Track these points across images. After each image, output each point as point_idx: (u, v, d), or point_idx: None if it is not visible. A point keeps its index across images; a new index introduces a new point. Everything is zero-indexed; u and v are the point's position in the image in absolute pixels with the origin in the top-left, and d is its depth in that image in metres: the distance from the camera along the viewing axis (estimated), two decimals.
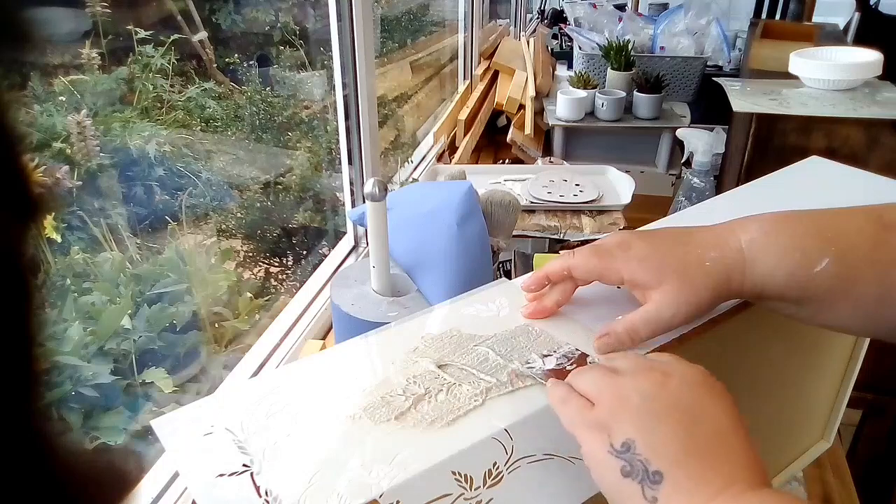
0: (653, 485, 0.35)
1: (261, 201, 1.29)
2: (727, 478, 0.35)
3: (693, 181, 1.19)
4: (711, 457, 0.35)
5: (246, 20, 1.44)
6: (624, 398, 0.38)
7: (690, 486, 0.34)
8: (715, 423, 0.37)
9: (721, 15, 2.23)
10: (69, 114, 0.88)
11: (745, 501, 0.34)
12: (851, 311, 0.45)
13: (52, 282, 0.84)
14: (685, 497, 0.34)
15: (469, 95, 1.87)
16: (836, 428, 0.78)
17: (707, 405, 0.37)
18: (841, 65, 1.32)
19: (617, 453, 0.36)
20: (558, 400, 0.41)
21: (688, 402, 0.37)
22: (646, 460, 0.35)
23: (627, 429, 0.36)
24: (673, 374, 0.39)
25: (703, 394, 0.38)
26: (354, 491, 0.36)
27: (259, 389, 0.44)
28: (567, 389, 0.41)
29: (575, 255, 0.49)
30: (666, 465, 0.35)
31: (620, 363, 0.41)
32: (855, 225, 0.45)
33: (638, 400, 0.37)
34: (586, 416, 0.39)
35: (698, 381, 0.39)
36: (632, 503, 0.35)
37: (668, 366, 0.40)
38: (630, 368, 0.40)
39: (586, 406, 0.39)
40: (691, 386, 0.38)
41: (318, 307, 0.99)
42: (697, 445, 0.35)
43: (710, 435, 0.36)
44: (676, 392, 0.37)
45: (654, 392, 0.37)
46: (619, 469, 0.36)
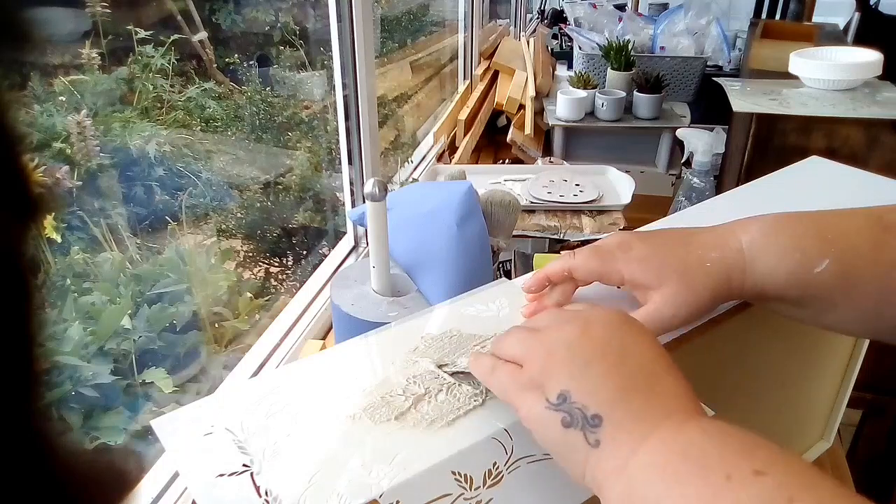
0: (594, 428, 0.35)
1: (261, 201, 1.29)
2: (664, 409, 0.35)
3: (693, 181, 1.19)
4: (645, 391, 0.35)
5: (246, 20, 1.44)
6: (551, 352, 0.38)
7: (630, 422, 0.34)
8: (642, 359, 0.37)
9: (721, 15, 2.23)
10: (69, 114, 0.88)
11: (685, 430, 0.34)
12: (852, 312, 0.45)
13: (52, 282, 0.84)
14: (626, 434, 0.34)
15: (469, 95, 1.87)
16: (836, 428, 0.78)
17: (631, 343, 0.38)
18: (841, 65, 1.32)
19: (554, 407, 0.36)
20: (487, 371, 0.41)
21: (613, 343, 0.37)
22: (583, 406, 0.35)
23: (560, 380, 0.36)
24: (592, 319, 0.39)
25: (625, 333, 0.38)
26: (354, 491, 0.36)
27: (259, 389, 0.44)
28: (491, 358, 0.41)
29: (575, 255, 0.49)
30: (603, 407, 0.35)
31: (540, 320, 0.41)
32: (855, 226, 0.45)
33: (564, 350, 0.37)
34: (517, 379, 0.38)
35: (619, 322, 0.39)
36: (577, 452, 0.35)
37: (586, 313, 0.40)
38: (550, 322, 0.40)
39: (515, 370, 0.39)
40: (613, 327, 0.38)
41: (318, 307, 0.99)
42: (630, 382, 0.36)
43: (640, 370, 0.36)
44: (600, 335, 0.38)
45: (579, 339, 0.38)
46: (559, 421, 0.36)
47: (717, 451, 0.32)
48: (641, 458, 0.33)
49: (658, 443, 0.33)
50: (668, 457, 0.33)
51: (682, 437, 0.33)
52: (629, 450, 0.34)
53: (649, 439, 0.34)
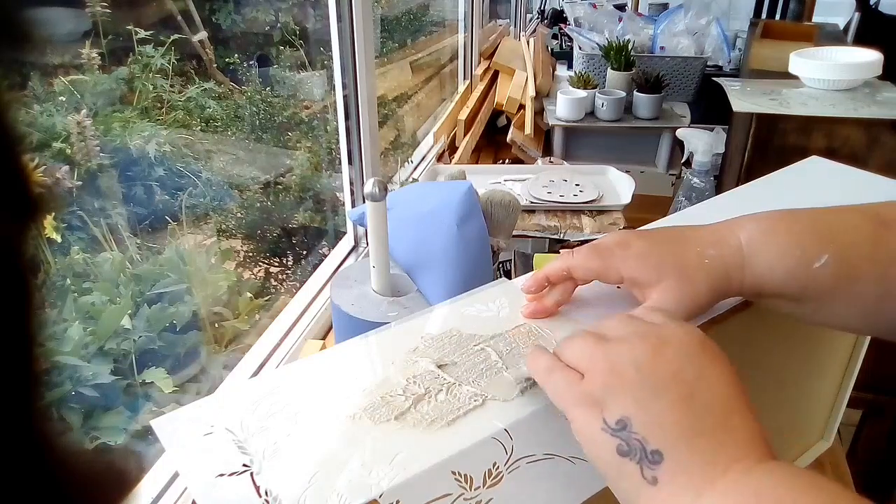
0: (652, 465, 0.33)
1: (261, 201, 1.29)
2: (732, 453, 0.33)
3: (693, 181, 1.19)
4: (714, 432, 0.33)
5: (246, 20, 1.44)
6: (617, 370, 0.35)
7: (693, 464, 0.32)
8: (716, 395, 0.34)
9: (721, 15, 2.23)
10: (69, 114, 0.88)
11: (754, 478, 0.32)
12: (850, 308, 0.45)
13: (52, 282, 0.84)
14: (688, 476, 0.32)
15: (469, 95, 1.87)
16: (836, 428, 0.78)
17: (707, 375, 0.35)
18: (841, 65, 1.32)
19: (612, 431, 0.34)
20: (543, 370, 0.39)
21: (687, 373, 0.34)
22: (643, 439, 0.33)
23: (623, 404, 0.34)
24: (669, 340, 0.36)
25: (702, 362, 0.35)
26: (354, 491, 0.36)
27: (259, 389, 0.44)
28: (551, 359, 0.39)
29: (574, 255, 0.49)
30: (666, 444, 0.33)
31: (611, 328, 0.38)
32: (853, 223, 0.46)
33: (633, 372, 0.35)
34: (576, 390, 0.36)
35: (696, 348, 0.36)
36: (630, 483, 0.33)
37: (663, 329, 0.37)
38: (622, 334, 0.37)
39: (575, 378, 0.37)
40: (689, 353, 0.35)
41: (318, 307, 0.99)
42: (698, 420, 0.33)
43: (712, 408, 0.34)
44: (674, 361, 0.35)
45: (650, 362, 0.35)
46: (614, 448, 0.34)
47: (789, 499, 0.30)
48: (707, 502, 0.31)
49: (725, 489, 0.31)
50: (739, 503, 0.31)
51: (753, 483, 0.31)
52: (693, 494, 0.32)
53: (716, 484, 0.32)
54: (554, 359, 0.39)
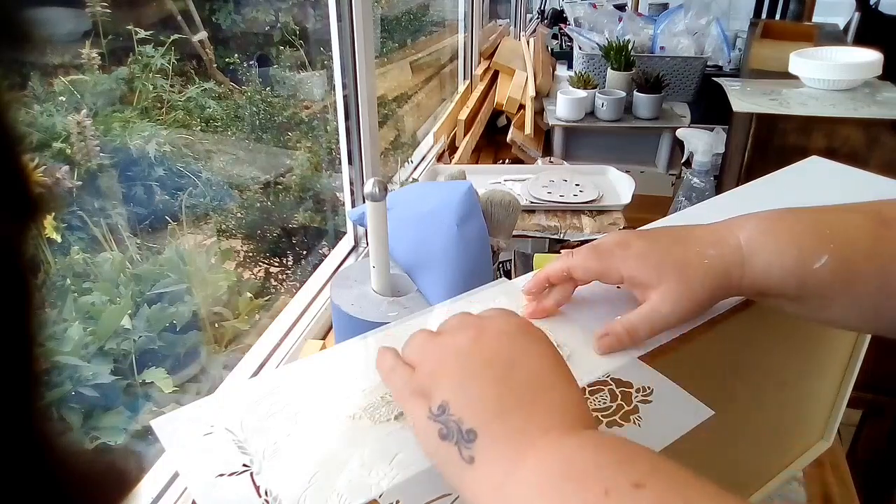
0: (468, 444, 0.33)
1: (261, 201, 1.29)
2: (544, 425, 0.33)
3: (693, 181, 1.19)
4: (526, 406, 0.34)
5: (246, 20, 1.44)
6: (442, 359, 0.37)
7: (504, 439, 0.33)
8: (531, 372, 0.36)
9: (721, 15, 2.23)
10: (69, 114, 0.89)
11: (563, 446, 0.32)
12: (851, 307, 0.45)
13: (52, 282, 0.84)
14: (500, 451, 0.33)
15: (469, 95, 1.87)
16: (836, 428, 0.78)
17: (521, 354, 0.36)
18: (841, 65, 1.32)
19: (434, 417, 0.35)
20: (387, 369, 0.40)
21: (502, 354, 0.36)
22: (459, 420, 0.34)
23: (443, 391, 0.35)
24: (488, 327, 0.38)
25: (518, 343, 0.37)
26: (354, 491, 0.36)
27: (259, 389, 0.44)
28: (394, 357, 0.40)
29: (574, 255, 0.49)
30: (479, 422, 0.34)
31: (444, 324, 0.40)
32: (853, 222, 0.46)
33: (453, 359, 0.36)
34: (409, 383, 0.38)
35: (514, 331, 0.38)
36: (452, 466, 0.34)
37: (486, 319, 0.39)
38: (450, 327, 0.39)
39: (410, 373, 0.38)
40: (507, 337, 0.37)
41: (318, 307, 0.99)
42: (512, 397, 0.34)
43: (525, 384, 0.35)
44: (491, 345, 0.37)
45: (469, 348, 0.37)
46: (436, 433, 0.35)
47: (595, 466, 0.31)
48: (518, 477, 0.32)
49: (536, 461, 0.32)
50: (546, 476, 0.31)
51: (560, 454, 0.32)
52: (505, 469, 0.32)
53: (527, 458, 0.32)
54: (396, 357, 0.41)
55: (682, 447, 0.40)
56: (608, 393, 0.44)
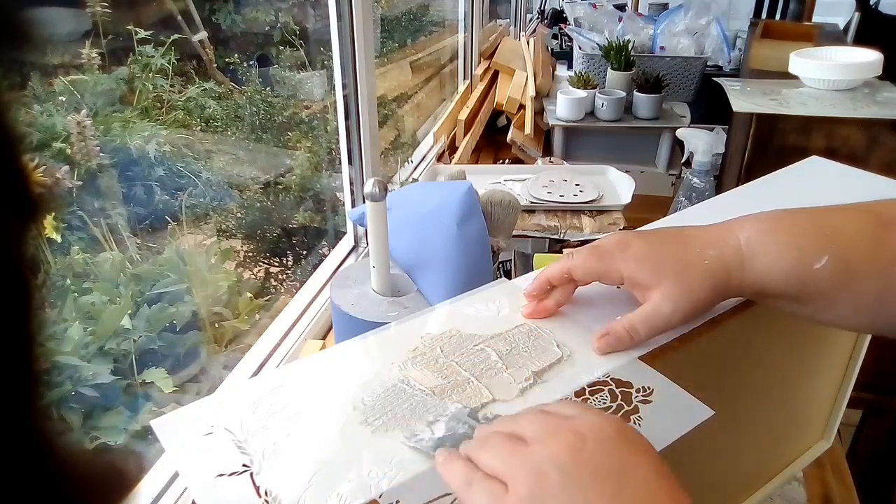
0: None
1: (261, 201, 1.29)
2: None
3: (693, 181, 1.19)
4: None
5: (246, 20, 1.44)
6: (541, 475, 0.33)
7: None
8: (641, 481, 0.34)
9: (721, 15, 2.23)
10: (69, 114, 0.88)
11: None
12: (851, 307, 0.45)
13: (52, 282, 0.84)
14: None
15: (469, 95, 1.87)
16: (836, 428, 0.78)
17: (630, 462, 0.34)
18: (841, 65, 1.32)
19: None
20: (462, 482, 0.36)
21: (610, 464, 0.34)
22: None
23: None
24: (586, 433, 0.35)
25: (623, 450, 0.34)
26: (354, 491, 0.36)
27: (259, 389, 0.44)
28: (468, 468, 0.36)
29: (574, 256, 0.49)
30: None
31: (524, 427, 0.37)
32: (853, 222, 0.45)
33: (557, 475, 0.33)
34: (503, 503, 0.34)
35: (614, 436, 0.35)
36: None
37: (577, 422, 0.36)
38: (537, 434, 0.35)
39: (498, 490, 0.34)
40: (609, 443, 0.34)
41: (318, 307, 0.99)
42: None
43: (639, 495, 0.33)
44: (596, 455, 0.34)
45: (572, 461, 0.33)
46: None
47: None
48: None
49: None
50: None
51: None
52: None
53: None
54: (471, 468, 0.36)
55: (683, 447, 0.40)
56: (608, 393, 0.44)
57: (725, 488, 0.68)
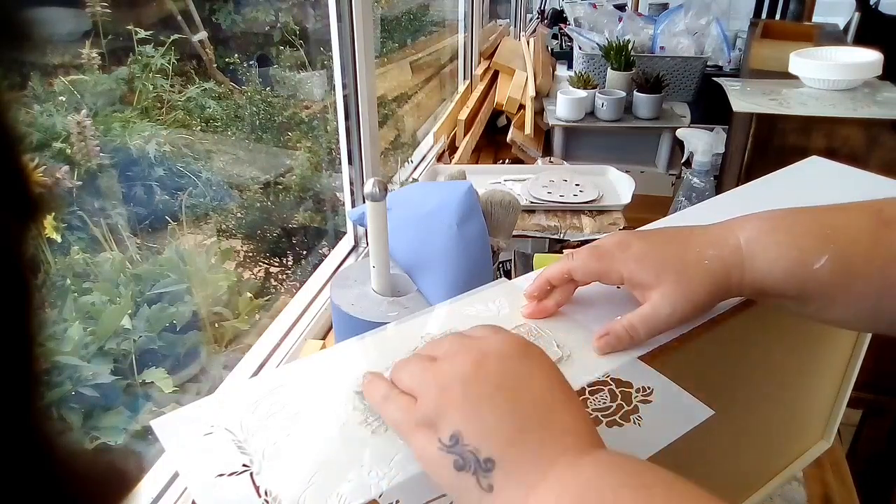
0: (486, 473, 0.33)
1: (261, 201, 1.29)
2: (557, 448, 0.34)
3: (693, 181, 1.19)
4: (539, 430, 0.34)
5: (246, 20, 1.44)
6: (444, 387, 0.36)
7: (522, 465, 0.33)
8: (537, 395, 0.35)
9: (721, 15, 2.23)
10: (69, 114, 0.88)
11: (579, 468, 0.33)
12: (852, 306, 0.45)
13: (52, 282, 0.84)
14: (518, 477, 0.33)
15: (469, 95, 1.87)
16: (836, 428, 0.78)
17: (526, 377, 0.36)
18: (841, 65, 1.32)
19: (447, 448, 0.34)
20: (379, 399, 0.39)
21: (508, 378, 0.36)
22: (475, 449, 0.34)
23: (453, 420, 0.35)
24: (489, 350, 0.37)
25: (522, 364, 0.37)
26: (354, 491, 0.36)
27: (259, 389, 0.44)
28: (388, 386, 0.39)
29: (574, 257, 0.49)
30: (495, 451, 0.34)
31: (437, 348, 0.39)
32: (854, 221, 0.46)
33: (459, 386, 0.35)
34: (411, 415, 0.37)
35: (516, 353, 0.37)
36: (470, 496, 0.34)
37: (484, 341, 0.38)
38: (447, 352, 0.38)
39: (409, 403, 0.37)
40: (509, 359, 0.37)
41: (318, 307, 0.99)
42: (523, 422, 0.34)
43: (535, 407, 0.35)
44: (495, 369, 0.36)
45: (473, 374, 0.36)
46: (451, 464, 0.34)
47: (612, 490, 0.31)
48: (537, 500, 0.32)
49: (554, 484, 0.32)
50: (565, 499, 0.32)
51: (575, 477, 0.32)
52: (525, 493, 0.33)
53: (543, 482, 0.33)
54: (390, 385, 0.39)
55: (683, 447, 0.40)
56: (608, 393, 0.44)
57: (725, 488, 0.68)
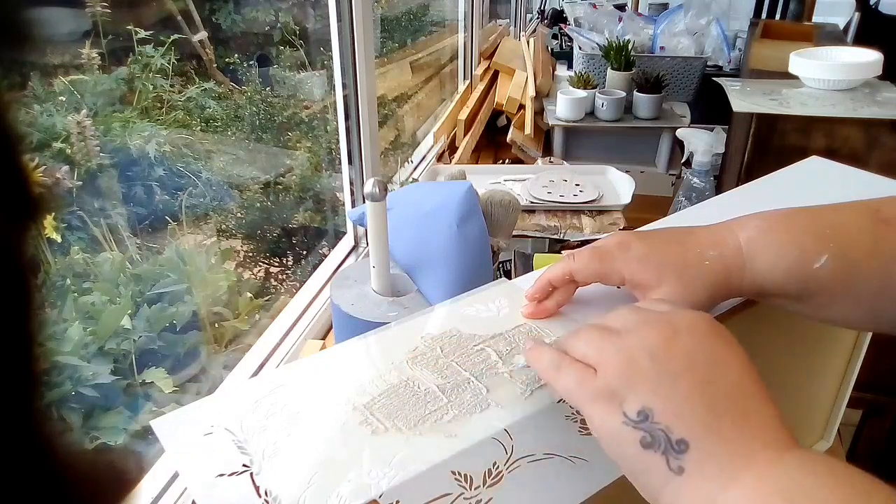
0: (678, 454, 0.32)
1: (261, 201, 1.29)
2: (758, 440, 0.32)
3: (693, 181, 1.19)
4: (737, 417, 0.32)
5: (246, 20, 1.44)
6: (632, 360, 0.34)
7: (721, 453, 0.31)
8: (733, 377, 0.33)
9: (721, 15, 2.23)
10: (69, 114, 0.88)
11: (782, 467, 0.30)
12: (852, 305, 0.45)
13: (52, 282, 0.84)
14: (714, 465, 0.31)
15: (469, 95, 1.87)
16: (836, 428, 0.78)
17: (722, 358, 0.34)
18: (841, 65, 1.32)
19: (634, 423, 0.33)
20: (550, 367, 0.37)
21: (702, 356, 0.33)
22: (667, 428, 0.32)
23: (642, 395, 0.33)
24: (680, 326, 0.35)
25: (716, 345, 0.34)
26: (354, 491, 0.36)
27: (259, 389, 0.44)
28: (558, 354, 0.38)
29: (575, 258, 0.49)
30: (690, 433, 0.32)
31: (617, 320, 0.37)
32: (853, 220, 0.46)
33: (648, 361, 0.33)
34: (590, 385, 0.35)
35: (708, 332, 0.35)
36: (655, 476, 0.32)
37: (671, 315, 0.36)
38: (630, 324, 0.36)
39: (587, 373, 0.35)
40: (703, 337, 0.34)
41: (318, 307, 0.99)
42: (720, 405, 0.32)
43: (731, 391, 0.33)
44: (689, 346, 0.34)
45: (664, 350, 0.34)
46: (638, 440, 0.32)
47: (823, 494, 0.29)
48: (734, 494, 0.30)
49: (753, 480, 0.30)
50: (765, 498, 0.30)
51: (780, 476, 0.30)
52: (720, 484, 0.31)
53: (743, 475, 0.31)
54: (560, 354, 0.38)
55: None
56: None
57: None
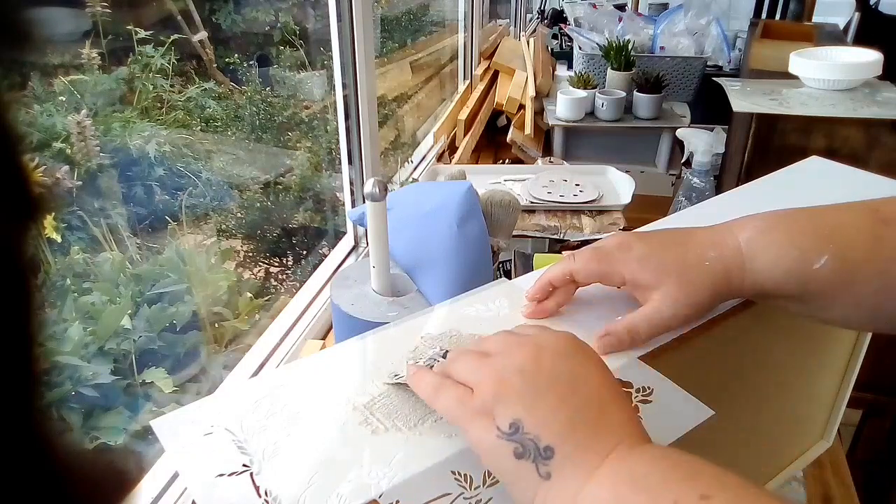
0: (546, 460, 0.35)
1: (261, 201, 1.29)
2: (611, 439, 0.35)
3: (693, 181, 1.19)
4: (594, 422, 0.36)
5: (246, 20, 1.44)
6: (504, 378, 0.37)
7: (579, 454, 0.35)
8: (591, 389, 0.37)
9: (721, 15, 2.23)
10: (69, 114, 0.88)
11: (631, 460, 0.34)
12: (852, 305, 0.45)
13: (52, 282, 0.84)
14: (575, 466, 0.34)
15: (469, 95, 1.87)
16: (836, 428, 0.78)
17: (581, 372, 0.38)
18: (841, 65, 1.32)
19: (507, 436, 0.35)
20: (431, 390, 0.40)
21: (564, 373, 0.37)
22: (536, 437, 0.35)
23: (513, 409, 0.36)
24: (544, 345, 0.39)
25: (576, 362, 0.38)
26: (354, 491, 0.36)
27: (259, 389, 0.44)
28: (438, 377, 0.40)
29: (576, 258, 0.49)
30: (555, 439, 0.35)
31: (489, 345, 0.41)
32: (852, 221, 0.46)
33: (518, 378, 0.37)
34: (467, 404, 0.38)
35: (569, 349, 0.39)
36: (528, 483, 0.35)
37: (537, 338, 0.40)
38: (503, 347, 0.40)
39: (465, 393, 0.38)
40: (565, 355, 0.38)
41: (318, 307, 0.99)
42: (579, 413, 0.36)
43: (589, 401, 0.36)
44: (552, 364, 0.38)
45: (531, 367, 0.37)
46: (511, 452, 0.35)
47: (664, 479, 0.32)
48: (591, 489, 0.33)
49: (607, 474, 0.34)
50: (617, 488, 0.33)
51: (629, 466, 0.34)
52: (579, 482, 0.34)
53: (598, 471, 0.34)
54: (441, 377, 0.40)
55: (683, 447, 0.40)
56: None
57: None
